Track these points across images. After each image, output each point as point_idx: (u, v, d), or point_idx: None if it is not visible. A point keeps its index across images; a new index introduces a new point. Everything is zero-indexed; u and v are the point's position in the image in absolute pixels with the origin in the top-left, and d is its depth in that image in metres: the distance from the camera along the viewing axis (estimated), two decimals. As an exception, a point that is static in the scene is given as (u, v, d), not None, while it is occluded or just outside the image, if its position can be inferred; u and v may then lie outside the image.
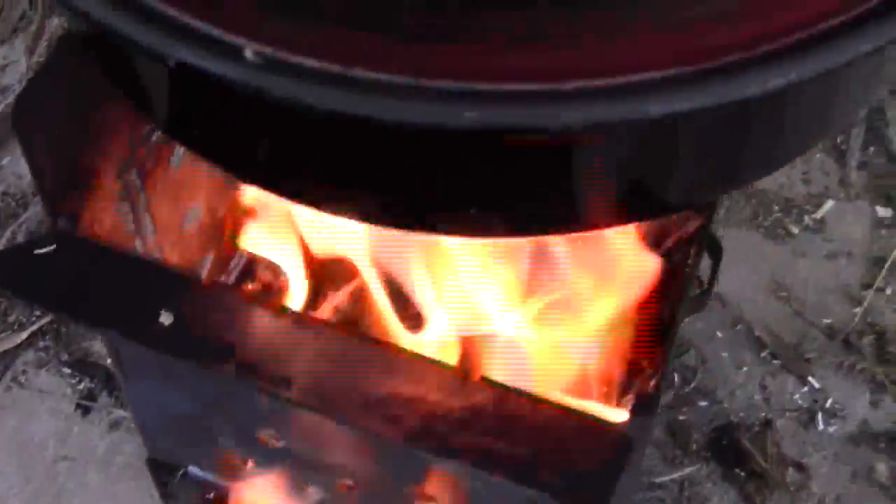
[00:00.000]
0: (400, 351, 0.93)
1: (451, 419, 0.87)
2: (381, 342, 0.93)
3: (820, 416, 1.51)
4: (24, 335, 1.60)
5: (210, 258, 1.38)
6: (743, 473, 1.46)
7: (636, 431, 0.88)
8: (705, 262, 1.04)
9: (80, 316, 0.91)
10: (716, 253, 0.91)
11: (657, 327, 0.99)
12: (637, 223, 1.11)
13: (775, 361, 1.56)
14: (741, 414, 1.51)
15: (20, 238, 1.66)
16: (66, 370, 1.58)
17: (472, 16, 0.68)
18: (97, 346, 1.60)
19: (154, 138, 1.17)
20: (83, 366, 1.58)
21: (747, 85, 0.64)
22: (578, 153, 0.74)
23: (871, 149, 1.77)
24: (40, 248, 0.99)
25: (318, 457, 1.12)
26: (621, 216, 0.82)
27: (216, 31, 0.69)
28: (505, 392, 0.90)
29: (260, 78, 0.67)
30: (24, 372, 1.58)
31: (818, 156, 1.76)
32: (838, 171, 1.75)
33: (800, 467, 1.47)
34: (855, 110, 0.87)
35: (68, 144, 1.03)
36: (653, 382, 0.91)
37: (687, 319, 1.53)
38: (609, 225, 0.84)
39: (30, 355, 1.60)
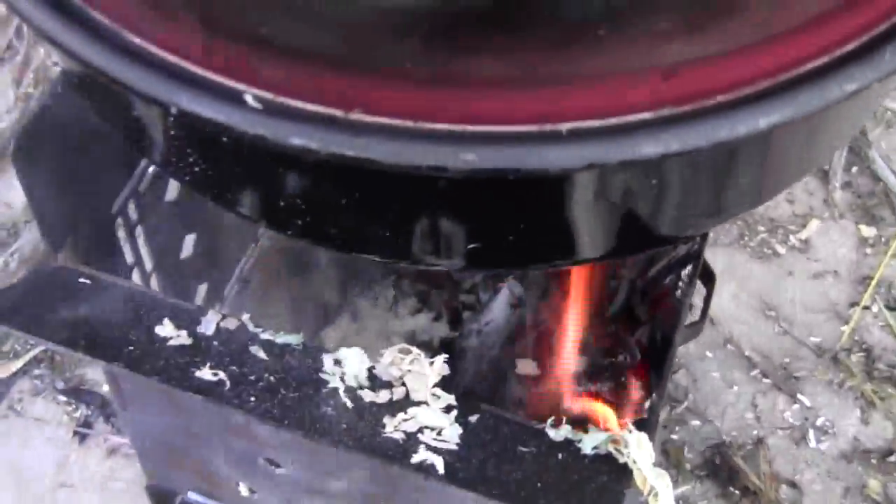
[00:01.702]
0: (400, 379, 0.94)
1: (456, 447, 0.88)
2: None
3: (811, 433, 1.52)
4: (20, 363, 1.61)
5: (205, 286, 1.40)
6: (737, 491, 1.47)
7: (632, 457, 0.90)
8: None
9: (86, 350, 0.92)
10: (709, 281, 0.92)
11: (653, 352, 1.01)
12: (629, 256, 1.13)
13: (766, 380, 1.57)
14: (733, 433, 1.53)
15: (13, 266, 1.67)
16: (62, 398, 1.59)
17: (469, 60, 0.69)
18: (91, 374, 1.61)
19: (149, 173, 1.19)
20: (79, 393, 1.59)
21: (738, 125, 0.66)
22: (570, 191, 0.75)
23: (854, 168, 1.79)
24: (40, 282, 1.00)
25: (319, 482, 1.13)
26: (614, 251, 0.84)
27: (216, 78, 0.70)
28: (504, 419, 0.91)
29: (261, 123, 0.68)
30: (20, 400, 1.59)
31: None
32: (822, 191, 1.77)
33: (793, 485, 1.48)
34: (842, 142, 0.89)
35: (67, 180, 1.04)
36: (648, 405, 0.92)
37: (678, 339, 1.55)
38: (605, 258, 0.85)
39: (25, 383, 1.61)
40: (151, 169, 1.19)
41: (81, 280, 1.01)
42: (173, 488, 1.34)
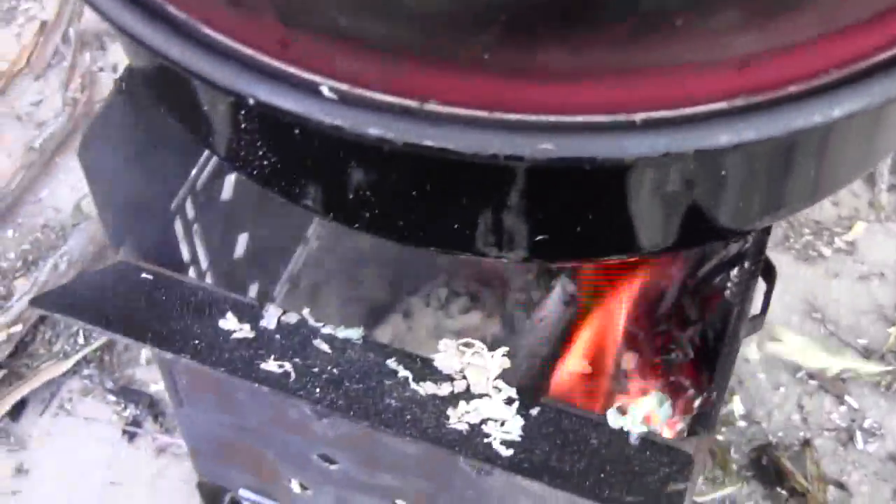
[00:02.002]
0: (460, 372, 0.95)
1: (520, 438, 0.89)
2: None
3: (859, 435, 1.52)
4: (70, 363, 1.62)
5: (256, 285, 1.41)
6: (784, 492, 1.47)
7: (695, 449, 0.90)
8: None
9: (153, 342, 0.93)
10: (770, 276, 0.93)
11: (704, 351, 1.01)
12: (691, 248, 1.13)
13: (812, 382, 1.57)
14: (780, 434, 1.53)
15: (62, 268, 1.68)
16: (111, 397, 1.60)
17: (546, 51, 0.70)
18: (140, 374, 1.63)
19: (207, 171, 1.20)
20: (128, 393, 1.60)
21: (813, 114, 0.67)
22: (639, 182, 0.76)
23: (901, 171, 1.80)
24: (103, 277, 1.01)
25: (372, 478, 1.14)
26: (676, 243, 0.84)
27: (293, 70, 0.71)
28: (565, 412, 0.92)
29: (339, 114, 0.69)
30: (70, 399, 1.60)
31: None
32: (868, 193, 1.77)
33: (840, 486, 1.48)
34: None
35: (129, 178, 1.05)
36: (710, 400, 0.93)
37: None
38: (665, 251, 0.86)
39: (75, 383, 1.62)
40: (209, 167, 1.20)
41: (143, 276, 1.02)
42: (225, 485, 1.35)
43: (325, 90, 0.70)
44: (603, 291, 1.25)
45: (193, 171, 1.18)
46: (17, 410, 1.59)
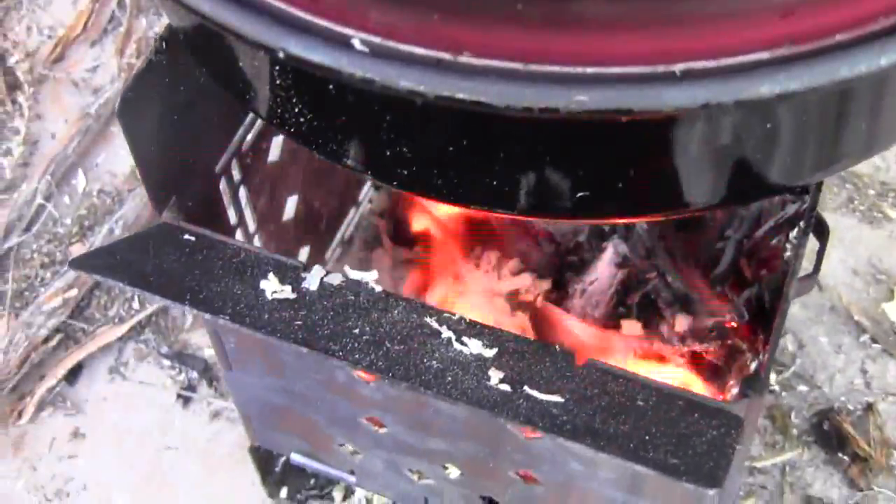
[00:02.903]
0: (505, 332, 0.93)
1: (563, 400, 0.87)
2: (486, 325, 0.93)
3: (923, 398, 1.49)
4: (125, 328, 1.62)
5: (307, 248, 1.40)
6: (846, 458, 1.44)
7: (745, 411, 0.88)
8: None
9: (191, 303, 0.92)
10: (822, 234, 0.90)
11: (760, 313, 0.99)
12: (741, 205, 1.11)
13: (875, 345, 1.54)
14: (842, 398, 1.50)
15: (117, 233, 1.69)
16: (166, 362, 1.60)
17: (581, 1, 0.68)
18: (195, 338, 1.63)
19: (252, 133, 1.19)
20: (183, 357, 1.61)
21: (858, 63, 0.64)
22: (682, 135, 0.74)
23: (970, 129, 1.75)
24: (145, 239, 1.00)
25: (421, 442, 1.13)
26: (724, 199, 0.82)
27: (323, 23, 0.69)
28: (612, 373, 0.90)
29: (370, 67, 0.67)
30: (125, 364, 1.61)
31: (915, 137, 1.73)
32: (935, 151, 1.73)
33: (903, 451, 1.45)
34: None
35: (171, 138, 1.04)
36: (760, 362, 0.90)
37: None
38: (714, 207, 0.84)
39: (130, 348, 1.62)
40: (254, 130, 1.19)
41: (186, 237, 1.01)
42: (277, 449, 1.35)
43: (356, 43, 0.68)
44: (656, 252, 1.23)
45: (239, 133, 1.17)
46: (74, 375, 1.60)
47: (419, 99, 0.67)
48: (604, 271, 1.24)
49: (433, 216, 1.39)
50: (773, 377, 1.51)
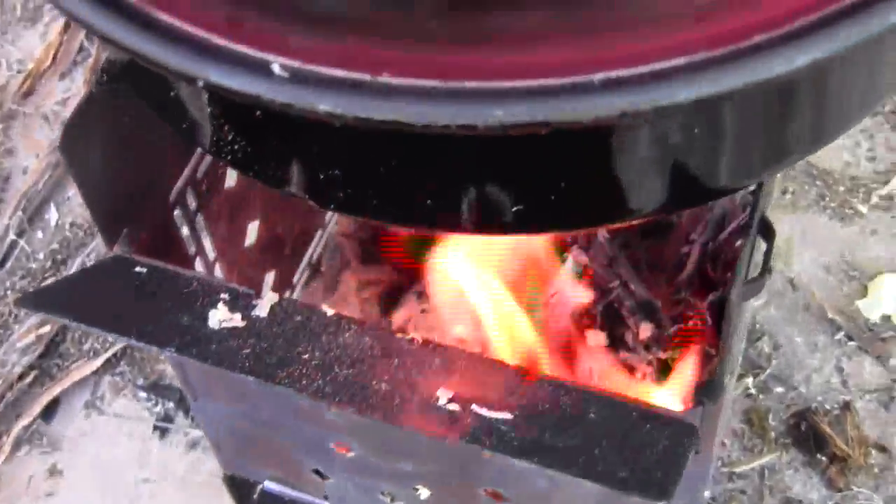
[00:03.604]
0: (457, 351, 0.93)
1: (512, 416, 0.87)
2: (438, 344, 0.93)
3: (900, 395, 1.49)
4: (100, 362, 1.62)
5: (273, 274, 1.39)
6: (824, 458, 1.43)
7: (701, 419, 0.87)
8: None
9: (138, 337, 0.92)
10: (768, 235, 0.89)
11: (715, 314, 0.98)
12: (684, 209, 1.10)
13: (851, 343, 1.53)
14: (819, 398, 1.49)
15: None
16: (143, 394, 1.60)
17: (494, 15, 0.67)
18: (171, 369, 1.62)
19: (207, 160, 1.18)
20: (159, 388, 1.60)
21: (775, 64, 0.63)
22: (611, 144, 0.73)
23: (938, 119, 1.75)
24: (95, 273, 1.00)
25: (389, 464, 1.12)
26: (666, 205, 0.81)
27: (244, 49, 0.69)
28: (564, 387, 0.90)
29: (288, 91, 0.67)
30: (101, 398, 1.60)
31: (883, 133, 1.73)
32: (904, 145, 1.73)
33: (882, 449, 1.44)
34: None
35: (119, 170, 1.04)
36: (713, 369, 0.90)
37: (758, 305, 1.51)
38: (656, 214, 0.83)
39: (106, 381, 1.62)
40: (209, 156, 1.19)
41: (137, 269, 1.01)
42: (250, 477, 1.34)
43: (276, 68, 0.68)
44: (617, 261, 1.22)
45: (192, 160, 1.16)
46: (50, 411, 1.60)
47: (339, 122, 0.66)
48: (565, 282, 1.23)
49: (399, 234, 1.39)
50: (749, 380, 1.50)
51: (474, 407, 0.86)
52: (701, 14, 0.66)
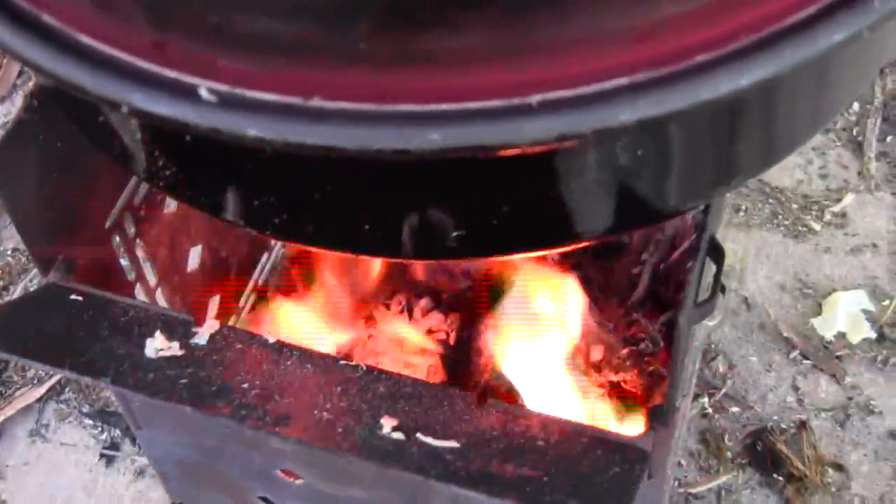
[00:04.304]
0: (403, 378, 0.91)
1: (459, 445, 0.85)
2: (383, 371, 0.91)
3: (856, 413, 1.47)
4: (44, 389, 1.58)
5: (216, 299, 1.37)
6: (781, 478, 1.42)
7: (653, 444, 0.86)
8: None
9: (72, 368, 0.89)
10: (718, 256, 0.88)
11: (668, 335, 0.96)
12: (632, 231, 1.08)
13: (806, 361, 1.52)
14: (775, 417, 1.47)
15: (35, 291, 1.65)
16: (88, 421, 1.56)
17: (429, 36, 0.65)
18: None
19: (145, 185, 1.16)
20: (105, 415, 1.57)
21: (718, 85, 0.62)
22: (554, 165, 0.71)
23: (889, 138, 1.73)
24: (29, 302, 0.97)
25: (340, 491, 1.10)
26: (612, 227, 0.79)
27: (169, 73, 0.67)
28: (514, 413, 0.88)
29: (216, 117, 0.64)
30: (46, 425, 1.57)
31: (835, 150, 1.72)
32: (857, 163, 1.71)
33: (839, 467, 1.42)
34: (848, 96, 0.84)
35: (53, 197, 1.01)
36: (664, 392, 0.88)
37: (713, 324, 1.50)
38: (603, 237, 0.81)
39: (51, 408, 1.58)
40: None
41: (72, 297, 0.98)
42: (197, 507, 1.31)
43: (203, 92, 0.65)
44: (569, 282, 1.20)
45: (129, 185, 1.14)
46: (-7, 440, 1.56)
47: (270, 147, 0.64)
48: (515, 305, 1.21)
49: (342, 259, 1.37)
50: (704, 400, 1.48)
51: (419, 435, 0.84)
52: (642, 34, 0.64)
